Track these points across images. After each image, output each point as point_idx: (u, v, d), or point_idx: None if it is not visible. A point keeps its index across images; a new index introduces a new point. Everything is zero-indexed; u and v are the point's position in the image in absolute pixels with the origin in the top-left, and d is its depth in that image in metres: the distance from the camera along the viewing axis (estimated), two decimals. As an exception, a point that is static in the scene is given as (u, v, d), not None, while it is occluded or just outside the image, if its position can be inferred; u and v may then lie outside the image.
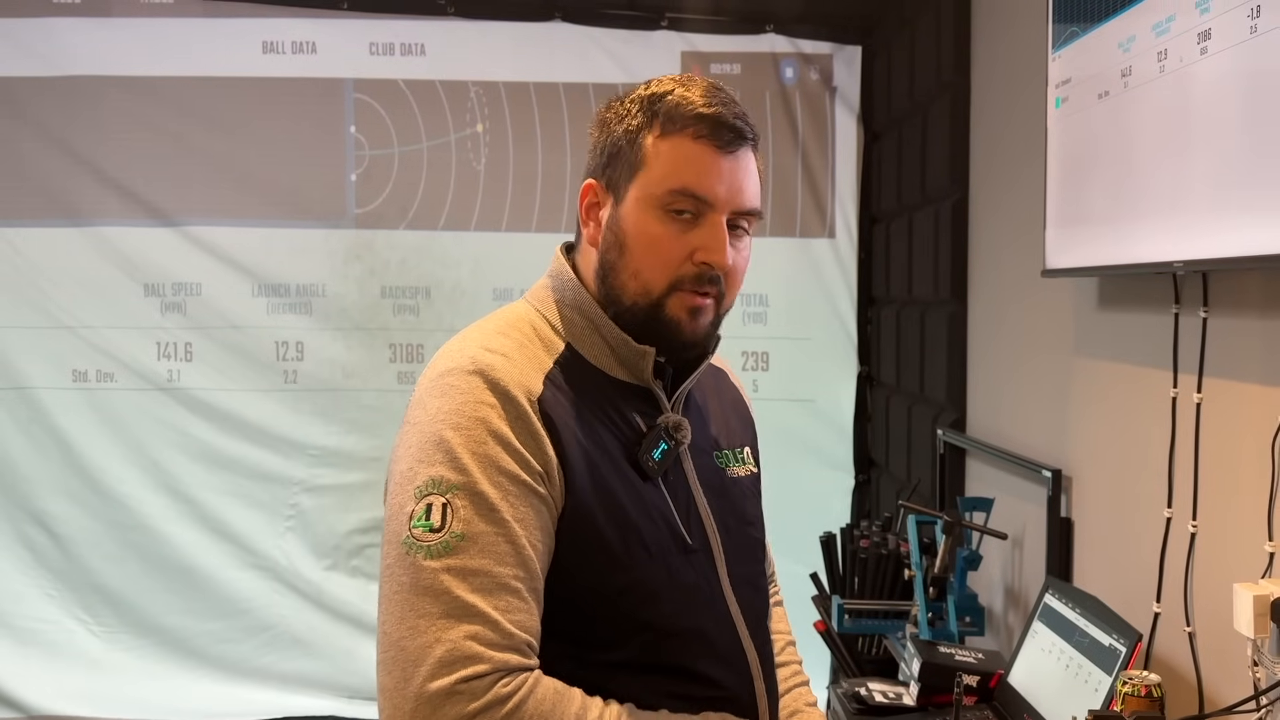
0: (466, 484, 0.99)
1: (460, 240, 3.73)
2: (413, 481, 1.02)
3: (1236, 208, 1.41)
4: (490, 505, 0.99)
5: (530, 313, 1.16)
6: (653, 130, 1.10)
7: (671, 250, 1.09)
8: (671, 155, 1.08)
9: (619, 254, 1.11)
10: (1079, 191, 1.92)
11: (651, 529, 1.08)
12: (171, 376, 3.70)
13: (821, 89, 3.72)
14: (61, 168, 3.64)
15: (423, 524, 0.98)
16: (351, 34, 3.69)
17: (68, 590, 3.66)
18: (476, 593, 0.96)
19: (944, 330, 2.85)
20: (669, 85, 1.12)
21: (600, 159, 1.14)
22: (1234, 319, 1.56)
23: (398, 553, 0.99)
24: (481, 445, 1.01)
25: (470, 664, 0.93)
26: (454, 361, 1.07)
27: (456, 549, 0.97)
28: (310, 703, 3.64)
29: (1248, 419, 1.52)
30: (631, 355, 1.13)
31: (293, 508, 3.71)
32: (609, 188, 1.13)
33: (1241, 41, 1.37)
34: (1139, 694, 1.38)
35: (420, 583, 0.96)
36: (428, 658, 0.93)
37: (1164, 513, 1.71)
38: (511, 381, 1.04)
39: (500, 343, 1.09)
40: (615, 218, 1.12)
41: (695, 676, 1.10)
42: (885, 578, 2.52)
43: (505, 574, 0.98)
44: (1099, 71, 1.80)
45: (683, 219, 1.09)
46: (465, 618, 0.95)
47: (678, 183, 1.08)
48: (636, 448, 1.10)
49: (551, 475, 1.03)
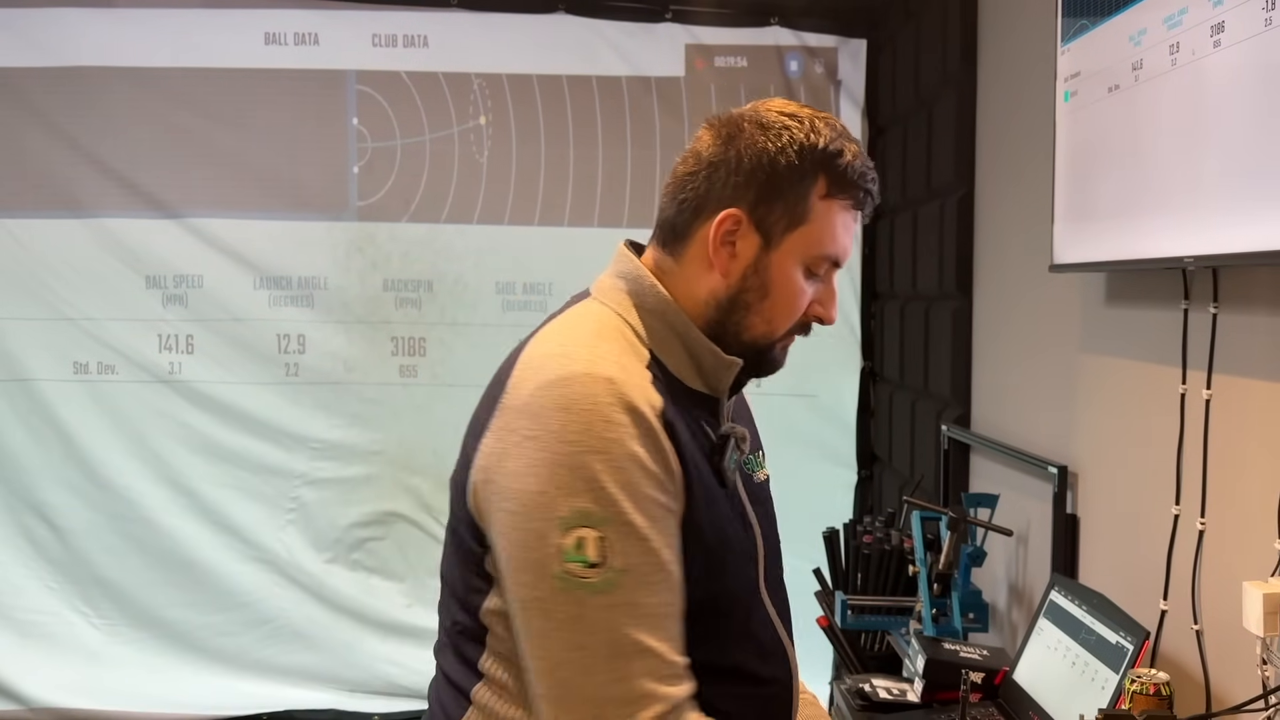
0: (616, 516, 0.99)
1: (463, 233, 3.72)
2: (554, 510, 0.99)
3: (1248, 202, 1.40)
4: (641, 536, 0.99)
5: (613, 316, 1.12)
6: (819, 187, 1.10)
7: (803, 304, 1.13)
8: (830, 220, 1.10)
9: (760, 297, 1.11)
10: (1087, 186, 1.91)
11: (736, 537, 1.11)
12: (173, 369, 3.69)
13: (826, 82, 3.71)
14: (63, 159, 3.63)
15: (578, 559, 0.98)
16: (354, 25, 3.67)
17: (68, 582, 3.66)
18: (642, 628, 0.98)
19: (949, 325, 2.84)
20: (838, 142, 1.11)
21: (749, 190, 1.10)
22: (1244, 315, 1.55)
23: (550, 586, 0.98)
24: (622, 472, 0.99)
25: (650, 704, 0.96)
26: (566, 368, 1.03)
27: (618, 585, 0.98)
28: (311, 695, 3.64)
29: (1257, 415, 1.51)
30: (718, 366, 1.13)
31: (294, 501, 3.71)
32: (759, 227, 1.10)
33: (1256, 34, 1.35)
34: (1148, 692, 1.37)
35: (585, 620, 0.97)
36: (606, 698, 0.96)
37: (1172, 509, 1.70)
38: (637, 395, 1.02)
39: (607, 349, 1.07)
40: (765, 262, 1.11)
41: (755, 677, 1.14)
42: (889, 574, 2.51)
43: (663, 603, 1.00)
44: (1109, 65, 1.79)
45: (813, 276, 1.13)
46: (636, 655, 0.97)
47: (833, 249, 1.12)
48: (714, 457, 1.11)
49: (676, 488, 1.04)
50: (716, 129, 1.14)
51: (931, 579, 2.25)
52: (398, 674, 3.66)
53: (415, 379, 3.73)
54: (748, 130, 1.11)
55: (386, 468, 3.72)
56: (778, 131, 1.10)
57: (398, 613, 3.70)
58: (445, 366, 3.73)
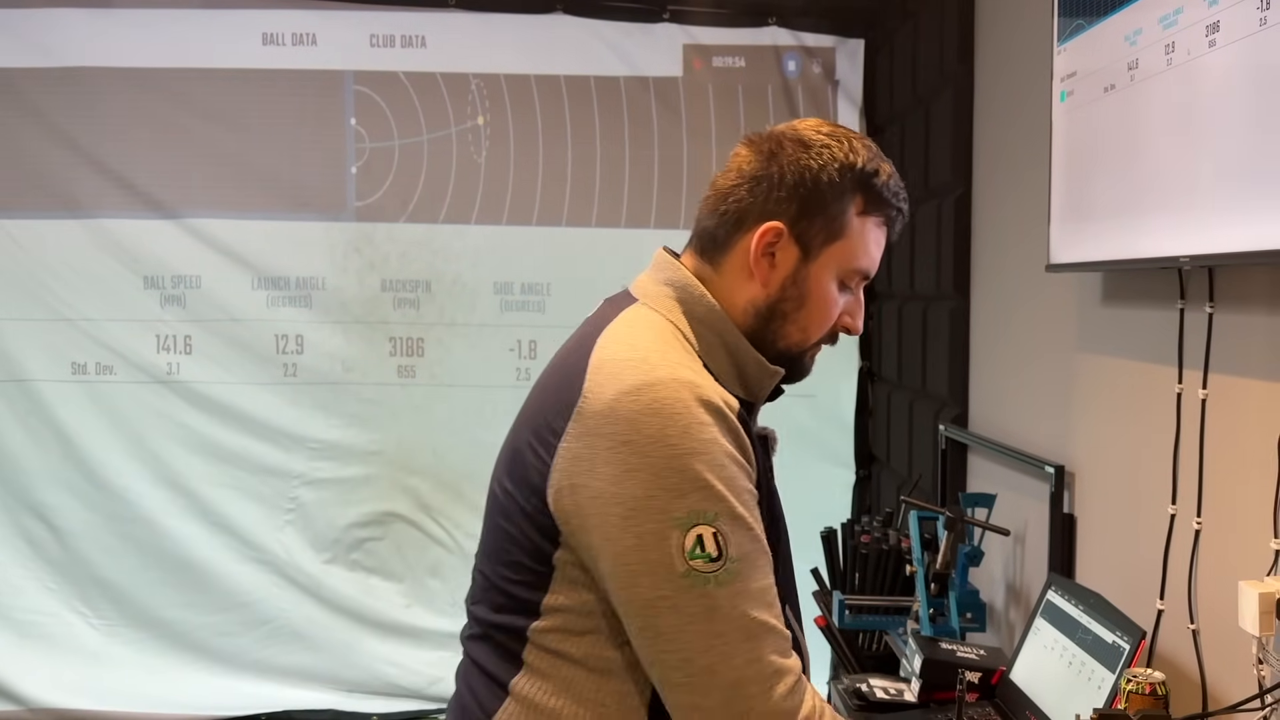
0: (726, 510, 1.05)
1: (461, 233, 3.72)
2: (668, 512, 1.04)
3: (1244, 202, 1.40)
4: (747, 525, 1.07)
5: (665, 322, 1.17)
6: (856, 204, 1.17)
7: (835, 314, 1.20)
8: (865, 235, 1.17)
9: (796, 307, 1.17)
10: (1084, 186, 1.91)
11: (777, 527, 1.17)
12: (171, 369, 3.69)
13: (824, 82, 3.71)
14: (61, 159, 3.63)
15: (701, 555, 1.03)
16: (352, 26, 3.67)
17: (67, 583, 3.66)
18: (762, 609, 1.06)
19: (946, 325, 2.84)
20: (875, 161, 1.18)
21: (791, 204, 1.16)
22: (1240, 314, 1.55)
23: (677, 584, 1.03)
24: (722, 469, 1.06)
25: (782, 678, 1.05)
26: (647, 374, 1.08)
27: (739, 574, 1.05)
28: (310, 696, 3.64)
29: (1254, 415, 1.51)
30: (761, 374, 1.19)
31: (292, 501, 3.71)
32: (798, 240, 1.16)
33: (1250, 34, 1.35)
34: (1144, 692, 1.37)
35: (719, 611, 1.04)
36: (745, 679, 1.03)
37: (1168, 509, 1.70)
38: (716, 396, 1.09)
39: (677, 354, 1.12)
40: (803, 274, 1.17)
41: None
42: (886, 573, 2.51)
43: (771, 583, 1.09)
44: (1105, 65, 1.79)
45: (844, 288, 1.20)
46: (764, 634, 1.05)
47: (865, 263, 1.19)
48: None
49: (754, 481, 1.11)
50: (757, 145, 1.19)
51: (929, 579, 2.25)
52: (396, 674, 3.66)
53: (413, 379, 3.73)
54: (789, 148, 1.17)
55: (385, 468, 3.72)
56: (819, 150, 1.16)
57: (396, 613, 3.70)
58: (443, 367, 3.73)
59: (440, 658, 3.68)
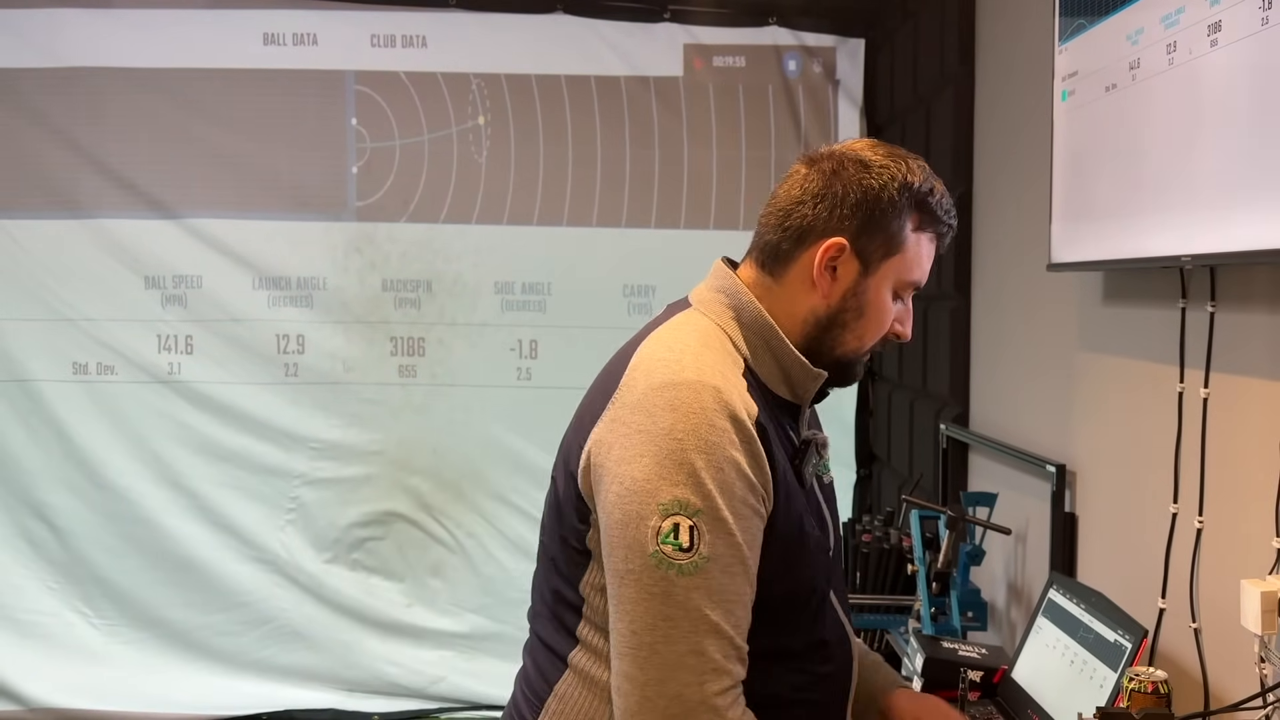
0: (710, 509, 1.11)
1: (462, 233, 3.72)
2: (655, 496, 1.11)
3: (1245, 201, 1.40)
4: (729, 530, 1.11)
5: (713, 326, 1.24)
6: (913, 220, 1.23)
7: (889, 324, 1.26)
8: (919, 250, 1.24)
9: (856, 317, 1.23)
10: (1085, 185, 1.91)
11: (814, 534, 1.23)
12: (172, 369, 3.69)
13: (824, 82, 3.71)
14: (62, 160, 3.63)
15: (672, 542, 1.10)
16: (352, 26, 3.68)
17: (68, 583, 3.66)
18: (718, 610, 1.10)
19: (947, 324, 2.84)
20: (929, 181, 1.24)
21: (853, 221, 1.22)
22: (1242, 313, 1.55)
23: (644, 562, 1.10)
24: (720, 471, 1.11)
25: (720, 678, 1.10)
26: (676, 374, 1.15)
27: (704, 570, 1.10)
28: (310, 695, 3.64)
29: (1255, 414, 1.51)
30: (805, 377, 1.25)
31: (293, 501, 3.71)
32: (859, 255, 1.22)
33: (1252, 34, 1.36)
34: (1146, 690, 1.37)
35: (673, 596, 1.09)
36: (684, 665, 1.09)
37: (1169, 508, 1.70)
38: (737, 403, 1.14)
39: (712, 358, 1.18)
40: (863, 286, 1.23)
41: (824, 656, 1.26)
42: (887, 573, 2.51)
43: (738, 592, 1.12)
44: (1107, 64, 1.79)
45: (897, 299, 1.26)
46: (710, 633, 1.10)
47: (919, 276, 1.25)
48: (797, 459, 1.24)
49: (767, 491, 1.16)
50: (819, 164, 1.25)
51: (930, 578, 2.26)
52: (397, 674, 3.66)
53: (414, 379, 3.74)
54: (850, 168, 1.23)
55: (386, 467, 3.72)
56: (879, 170, 1.23)
57: (397, 612, 3.71)
58: (444, 366, 3.73)
59: (441, 657, 3.68)
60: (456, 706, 3.66)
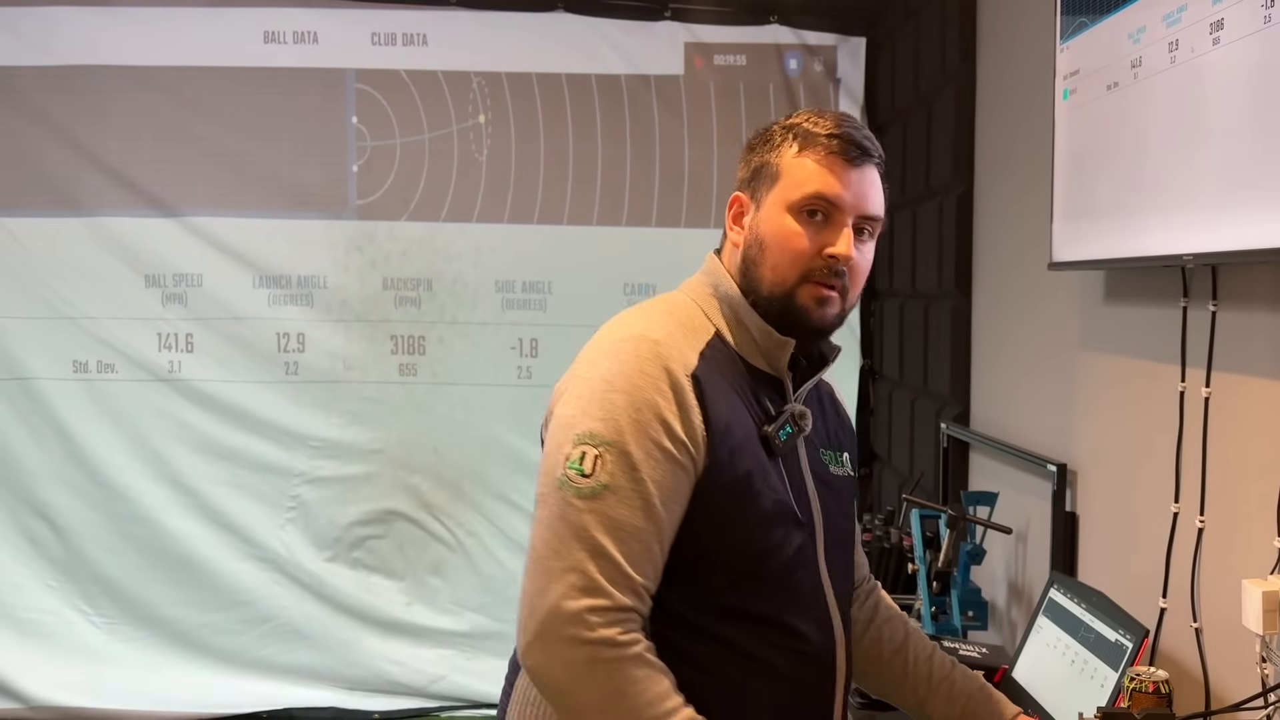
0: (618, 443, 1.17)
1: (462, 232, 3.72)
2: (573, 428, 1.19)
3: (1247, 200, 1.40)
4: (633, 465, 1.16)
5: (687, 301, 1.32)
6: (790, 148, 1.29)
7: (803, 246, 1.26)
8: (804, 168, 1.27)
9: (760, 251, 1.28)
10: (1087, 184, 1.91)
11: (772, 497, 1.24)
12: (172, 368, 3.69)
13: (825, 81, 3.71)
14: (62, 158, 3.63)
15: (576, 467, 1.16)
16: (353, 24, 3.67)
17: (68, 581, 3.66)
18: (608, 536, 1.14)
19: (948, 323, 2.84)
20: (805, 115, 1.32)
21: (747, 175, 1.33)
22: (1243, 312, 1.55)
23: (552, 484, 1.18)
24: (638, 412, 1.17)
25: (597, 596, 1.13)
26: (626, 332, 1.25)
27: (599, 496, 1.15)
28: (310, 694, 3.64)
29: (1257, 413, 1.51)
30: (772, 345, 1.29)
31: (294, 499, 3.71)
32: (752, 198, 1.31)
33: (1255, 32, 1.35)
34: (1147, 690, 1.37)
35: (567, 516, 1.16)
36: (565, 579, 1.13)
37: (1171, 507, 1.70)
38: (673, 357, 1.21)
39: (664, 321, 1.27)
40: (757, 221, 1.30)
41: (792, 631, 1.26)
42: (888, 571, 2.51)
43: (636, 526, 1.16)
44: (1108, 63, 1.78)
45: (815, 221, 1.26)
46: (598, 555, 1.14)
47: (811, 189, 1.26)
48: (767, 426, 1.26)
49: (696, 442, 1.19)
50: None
51: (931, 577, 2.26)
52: (398, 672, 3.66)
53: (415, 377, 3.73)
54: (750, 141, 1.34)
55: (386, 466, 3.72)
56: (764, 130, 1.34)
57: (398, 611, 3.70)
58: (445, 365, 3.73)
59: (441, 655, 3.68)
60: (457, 705, 3.66)
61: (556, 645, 1.13)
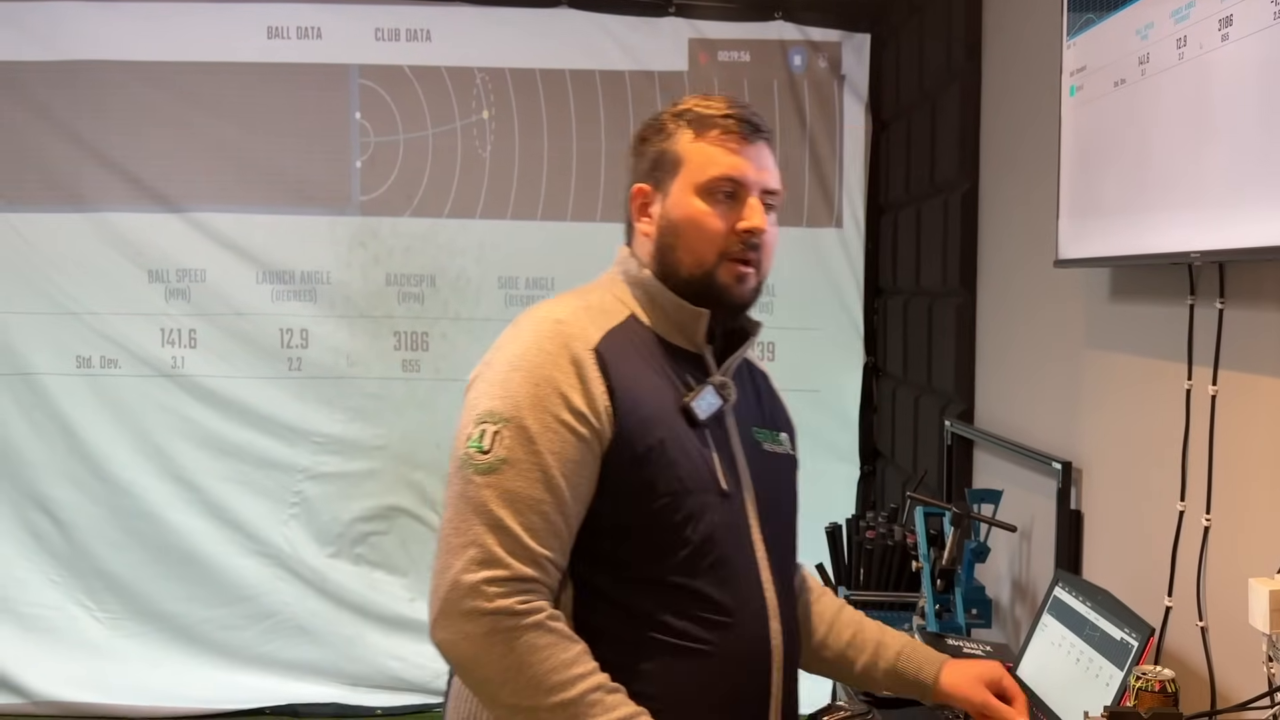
0: (515, 418, 1.20)
1: (465, 228, 3.71)
2: (475, 409, 1.23)
3: (1256, 197, 1.39)
4: (530, 438, 1.19)
5: (599, 289, 1.36)
6: (686, 134, 1.32)
7: (717, 226, 1.30)
8: (704, 153, 1.31)
9: (674, 236, 1.31)
10: (1093, 181, 1.90)
11: (689, 466, 1.25)
12: (176, 363, 3.69)
13: (830, 77, 3.70)
14: (66, 153, 3.63)
15: (475, 445, 1.20)
16: (356, 19, 3.67)
17: (71, 576, 3.66)
18: (506, 509, 1.17)
19: (952, 321, 2.83)
20: (693, 100, 1.35)
21: (645, 166, 1.35)
22: (1250, 310, 1.54)
23: (456, 465, 1.21)
24: (535, 388, 1.21)
25: (494, 567, 1.15)
26: (532, 316, 1.29)
27: (497, 471, 1.18)
28: (313, 689, 3.65)
29: (1265, 412, 1.50)
30: (687, 318, 1.32)
31: (297, 495, 3.71)
32: (656, 188, 1.34)
33: (1264, 28, 1.34)
34: (1153, 689, 1.36)
35: (467, 493, 1.19)
36: (464, 554, 1.16)
37: (1177, 506, 1.69)
38: (575, 334, 1.24)
39: (572, 303, 1.31)
40: (666, 208, 1.32)
41: (715, 604, 1.26)
42: (891, 569, 2.51)
43: (534, 498, 1.18)
44: (1116, 59, 1.78)
45: (724, 201, 1.30)
46: (495, 529, 1.16)
47: (716, 170, 1.30)
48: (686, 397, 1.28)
49: (600, 414, 1.21)
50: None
51: (935, 575, 2.25)
52: (400, 668, 3.66)
53: (418, 373, 3.73)
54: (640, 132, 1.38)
55: (389, 462, 3.72)
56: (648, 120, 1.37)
57: (401, 607, 3.71)
58: (448, 361, 3.73)
59: (443, 652, 3.68)
60: (459, 701, 3.66)
61: (456, 619, 1.15)
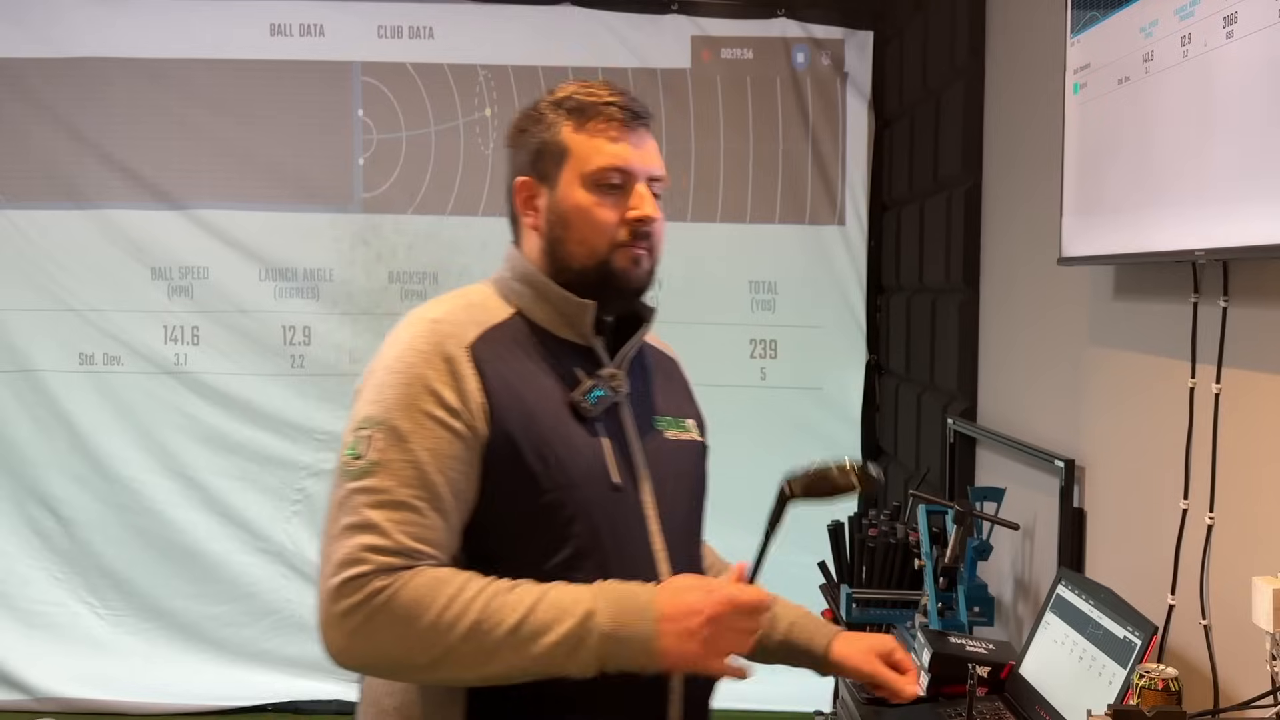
0: (386, 420, 1.20)
1: (468, 225, 3.71)
2: (355, 417, 1.23)
3: (1260, 195, 1.39)
4: (402, 437, 1.19)
5: (482, 287, 1.35)
6: (567, 124, 1.30)
7: (608, 216, 1.29)
8: (589, 143, 1.29)
9: (564, 229, 1.29)
10: (1097, 179, 1.90)
11: (575, 460, 1.25)
12: (178, 360, 3.69)
13: (833, 74, 3.69)
14: (68, 150, 3.63)
15: (350, 452, 1.20)
16: (359, 17, 3.67)
17: (74, 573, 3.67)
18: (376, 509, 1.16)
19: (955, 318, 2.83)
20: (572, 87, 1.33)
21: (526, 159, 1.33)
22: (1255, 308, 1.54)
23: (336, 474, 1.21)
24: (406, 388, 1.21)
25: (356, 566, 1.14)
26: (408, 319, 1.29)
27: (368, 473, 1.18)
28: (316, 686, 3.65)
29: (1268, 410, 1.50)
30: (573, 310, 1.30)
31: (299, 492, 3.71)
32: (541, 180, 1.31)
33: (1269, 25, 1.34)
34: (1156, 688, 1.36)
35: (338, 500, 1.19)
36: (331, 560, 1.16)
37: (1180, 504, 1.69)
38: (448, 333, 1.24)
39: (450, 303, 1.30)
40: (554, 201, 1.30)
41: None
42: (894, 567, 2.50)
43: (405, 494, 1.17)
44: (1120, 56, 1.77)
45: (612, 190, 1.29)
46: (363, 530, 1.16)
47: (603, 160, 1.28)
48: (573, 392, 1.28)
49: (473, 410, 1.21)
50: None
51: (937, 573, 2.24)
52: (402, 665, 3.66)
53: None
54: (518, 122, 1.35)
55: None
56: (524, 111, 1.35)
57: (402, 604, 3.71)
58: (450, 358, 3.73)
59: (446, 649, 3.68)
60: (461, 698, 3.66)
61: (337, 622, 1.14)
